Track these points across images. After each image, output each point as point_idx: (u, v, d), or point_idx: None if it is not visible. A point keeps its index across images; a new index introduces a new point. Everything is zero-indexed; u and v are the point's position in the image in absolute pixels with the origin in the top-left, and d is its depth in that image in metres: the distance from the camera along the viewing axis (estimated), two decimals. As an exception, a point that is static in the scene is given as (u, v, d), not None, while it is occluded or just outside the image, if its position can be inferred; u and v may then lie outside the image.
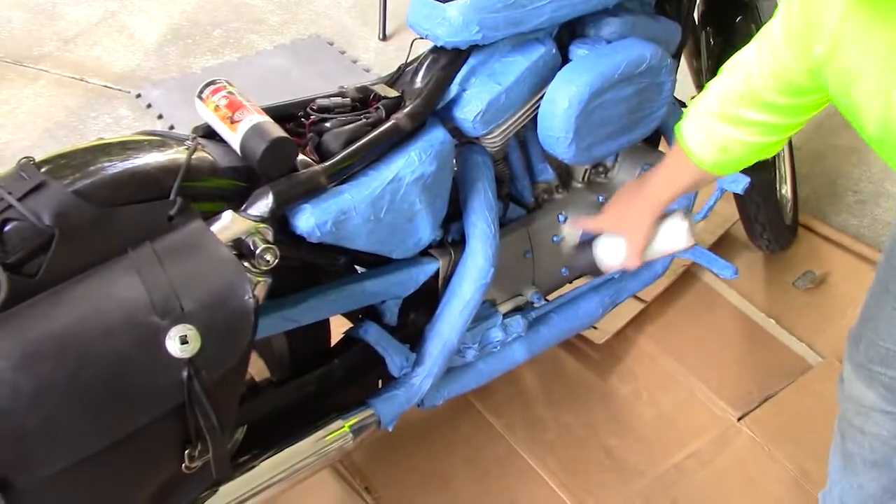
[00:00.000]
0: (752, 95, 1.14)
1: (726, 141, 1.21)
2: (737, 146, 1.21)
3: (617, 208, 1.51)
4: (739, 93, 1.16)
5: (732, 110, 1.18)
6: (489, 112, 1.42)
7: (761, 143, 1.20)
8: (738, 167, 1.28)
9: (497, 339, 1.63)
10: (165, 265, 1.07)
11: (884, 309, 1.27)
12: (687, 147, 1.27)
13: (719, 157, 1.24)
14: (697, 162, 1.27)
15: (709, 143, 1.24)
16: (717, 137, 1.22)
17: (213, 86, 1.29)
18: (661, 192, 1.41)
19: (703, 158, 1.26)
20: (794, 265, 2.31)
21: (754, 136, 1.18)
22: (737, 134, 1.19)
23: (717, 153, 1.24)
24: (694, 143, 1.26)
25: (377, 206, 1.30)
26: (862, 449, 1.42)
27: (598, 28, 1.52)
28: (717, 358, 2.03)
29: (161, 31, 3.30)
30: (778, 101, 1.11)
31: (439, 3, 1.36)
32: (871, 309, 1.32)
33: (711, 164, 1.26)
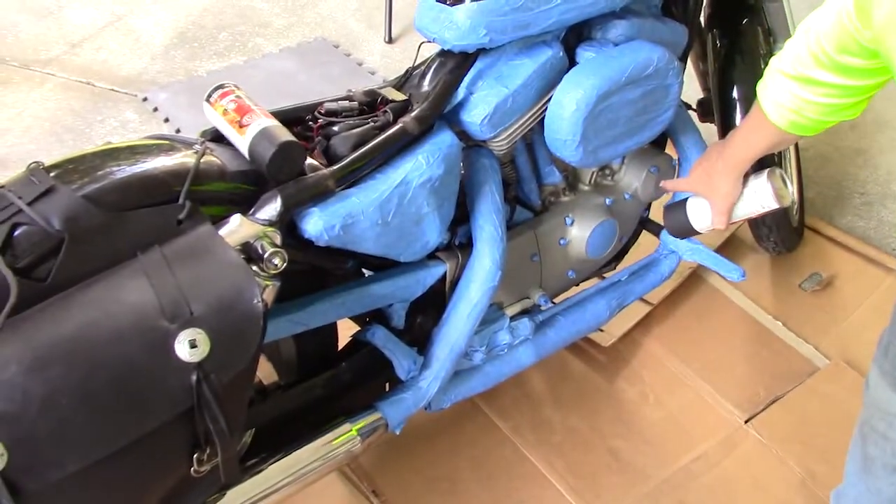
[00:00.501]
0: (823, 56, 1.12)
1: (799, 102, 1.20)
2: (810, 108, 1.19)
3: (702, 168, 1.53)
4: (812, 53, 1.14)
5: (804, 71, 1.16)
6: (496, 115, 1.42)
7: (836, 105, 1.17)
8: (818, 128, 1.25)
9: (504, 342, 1.63)
10: (174, 269, 1.07)
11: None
12: (763, 108, 1.26)
13: (794, 118, 1.23)
14: (774, 122, 1.26)
15: (783, 104, 1.23)
16: (790, 98, 1.21)
17: (221, 90, 1.30)
18: (741, 153, 1.41)
19: (779, 120, 1.25)
20: (801, 267, 2.30)
21: (828, 97, 1.16)
22: (810, 95, 1.18)
23: (792, 114, 1.22)
24: (769, 103, 1.25)
25: (385, 210, 1.31)
26: (884, 454, 1.41)
27: (605, 31, 1.52)
28: (724, 360, 2.03)
29: (167, 35, 3.31)
30: (849, 63, 1.10)
31: (447, 6, 1.36)
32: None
33: (787, 125, 1.25)
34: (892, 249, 2.41)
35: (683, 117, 1.80)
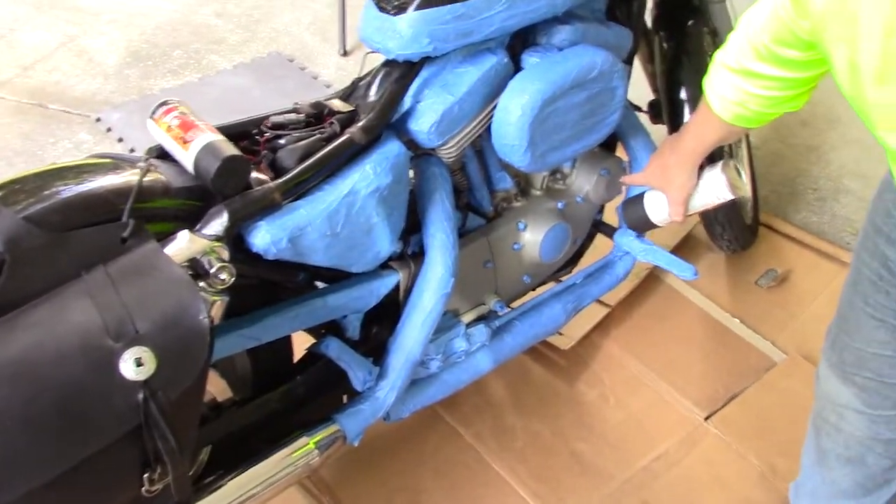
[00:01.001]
0: (762, 49, 1.13)
1: (742, 95, 1.22)
2: (753, 100, 1.21)
3: (657, 162, 1.58)
4: (752, 46, 1.15)
5: (746, 64, 1.18)
6: (443, 123, 1.43)
7: (777, 98, 1.19)
8: (762, 120, 1.27)
9: (461, 349, 1.63)
10: (119, 288, 1.06)
11: (854, 310, 1.28)
12: (708, 102, 1.29)
13: (738, 111, 1.25)
14: (718, 115, 1.28)
15: (727, 97, 1.25)
16: (733, 91, 1.23)
17: (165, 106, 1.29)
18: (692, 146, 1.46)
19: (723, 113, 1.27)
20: (757, 264, 2.33)
21: (768, 90, 1.18)
22: (751, 88, 1.19)
23: (736, 107, 1.25)
24: (714, 97, 1.28)
25: (333, 221, 1.31)
26: (836, 445, 1.43)
27: (549, 36, 1.53)
28: (683, 359, 2.05)
29: (120, 55, 3.29)
30: (787, 55, 1.11)
31: (389, 16, 1.37)
32: (843, 310, 1.33)
33: (732, 118, 1.27)
34: (846, 243, 2.44)
35: (632, 119, 1.81)
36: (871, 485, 1.42)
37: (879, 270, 1.19)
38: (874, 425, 1.32)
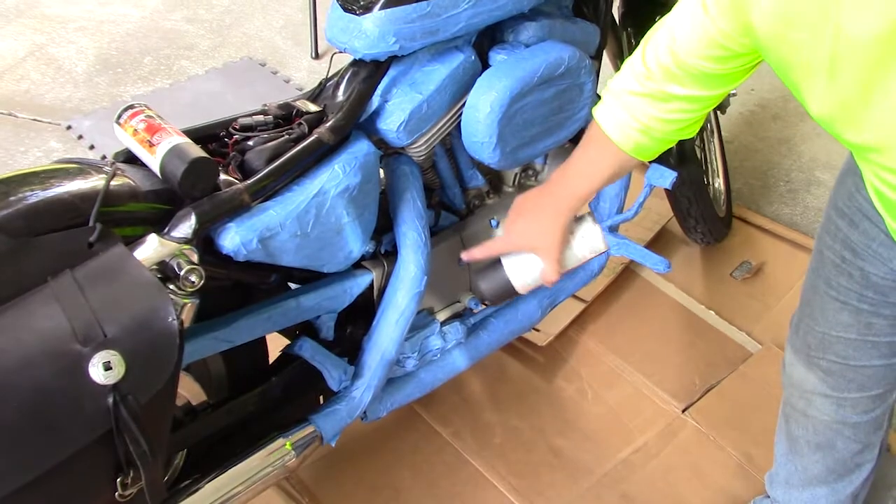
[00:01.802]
0: (678, 66, 1.07)
1: (648, 119, 1.16)
2: (658, 125, 1.16)
3: (521, 220, 1.41)
4: (663, 66, 1.10)
5: (655, 86, 1.12)
6: (412, 122, 1.43)
7: (683, 120, 1.15)
8: (660, 149, 1.23)
9: (436, 347, 1.64)
10: (86, 292, 1.05)
11: (817, 294, 1.29)
12: (605, 131, 1.21)
13: (640, 139, 1.19)
14: (618, 145, 1.21)
15: (629, 124, 1.18)
16: (637, 117, 1.16)
17: (131, 110, 1.28)
18: (579, 188, 1.32)
19: (624, 141, 1.20)
20: (731, 256, 2.35)
21: (676, 113, 1.13)
22: (658, 112, 1.14)
23: (638, 134, 1.18)
24: (613, 125, 1.20)
25: (303, 221, 1.30)
26: (806, 432, 1.45)
27: (517, 33, 1.53)
28: (660, 352, 2.06)
29: (90, 62, 3.27)
30: (706, 69, 1.05)
31: (355, 16, 1.37)
32: (806, 294, 1.35)
33: (633, 148, 1.21)
34: (818, 234, 2.46)
35: (602, 114, 1.82)
36: (842, 469, 1.44)
37: (842, 253, 1.20)
38: (841, 409, 1.34)
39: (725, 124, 2.84)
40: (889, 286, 1.17)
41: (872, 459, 1.45)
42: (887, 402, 1.37)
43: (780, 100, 3.08)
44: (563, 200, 1.35)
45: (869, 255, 1.16)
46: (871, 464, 1.45)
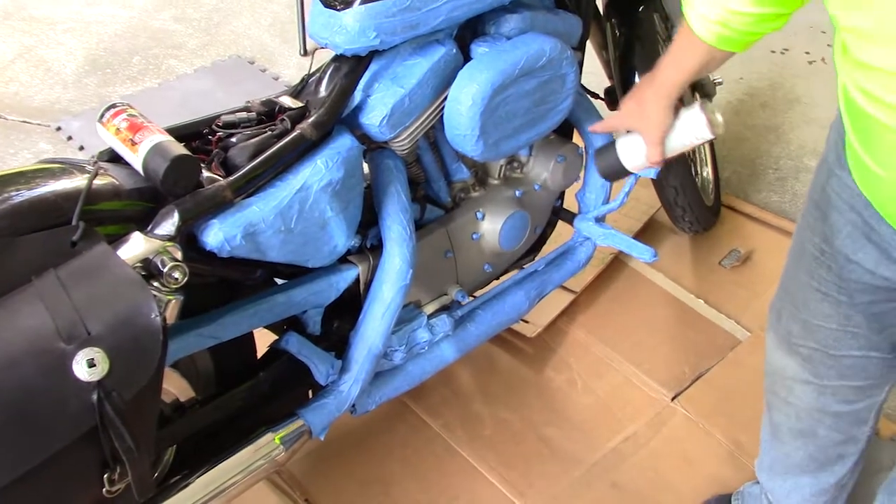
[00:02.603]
0: None
1: (723, 12, 1.16)
2: (735, 18, 1.16)
3: (631, 102, 1.49)
4: None
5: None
6: (394, 116, 1.44)
7: (759, 15, 1.14)
8: (744, 42, 1.21)
9: (424, 340, 1.64)
10: (70, 291, 1.06)
11: (799, 283, 1.30)
12: (690, 24, 1.22)
13: (720, 31, 1.19)
14: (700, 37, 1.21)
15: (708, 17, 1.18)
16: (716, 10, 1.17)
17: (113, 109, 1.29)
18: (672, 77, 1.36)
19: (706, 34, 1.21)
20: (720, 245, 2.36)
21: (751, 5, 1.13)
22: (733, 4, 1.14)
23: (718, 26, 1.18)
24: (695, 18, 1.21)
25: (287, 216, 1.31)
26: (788, 419, 1.46)
27: (498, 25, 1.54)
28: (649, 341, 2.07)
29: (79, 63, 3.27)
30: None
31: (336, 11, 1.37)
32: (787, 282, 1.35)
33: (715, 39, 1.21)
34: (807, 221, 2.47)
35: (586, 106, 1.83)
36: (824, 458, 1.44)
37: (821, 245, 1.21)
38: (822, 397, 1.34)
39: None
40: (854, 281, 1.17)
41: (856, 453, 1.45)
42: (872, 398, 1.36)
43: (769, 88, 3.09)
44: (660, 87, 1.40)
45: (837, 248, 1.17)
46: (854, 457, 1.45)
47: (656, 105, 1.42)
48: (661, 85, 1.39)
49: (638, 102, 1.47)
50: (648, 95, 1.43)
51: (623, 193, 1.82)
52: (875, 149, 0.99)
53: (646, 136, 1.48)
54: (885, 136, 0.95)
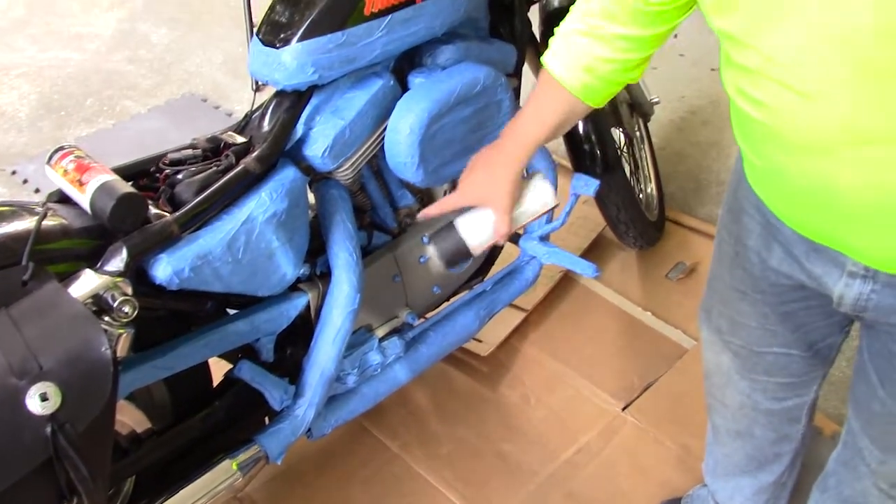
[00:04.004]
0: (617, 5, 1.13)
1: (591, 60, 1.19)
2: (602, 65, 1.19)
3: (473, 174, 1.39)
4: (602, 5, 1.15)
5: (596, 24, 1.17)
6: (336, 147, 1.49)
7: (625, 61, 1.19)
8: (607, 91, 1.25)
9: (376, 363, 1.69)
10: (21, 328, 1.10)
11: (721, 282, 1.36)
12: (554, 73, 1.24)
13: (586, 79, 1.21)
14: (566, 86, 1.23)
15: (574, 64, 1.21)
16: (581, 56, 1.20)
17: (61, 151, 1.34)
18: (528, 134, 1.31)
19: (572, 82, 1.22)
20: (666, 258, 2.43)
21: (618, 52, 1.17)
22: (601, 51, 1.18)
23: (584, 73, 1.21)
24: (560, 66, 1.23)
25: (234, 248, 1.36)
26: (725, 420, 1.52)
27: (434, 56, 1.60)
28: (599, 354, 2.13)
29: (33, 107, 3.30)
30: (641, 8, 1.11)
31: (274, 49, 1.43)
32: (712, 282, 1.41)
33: (580, 88, 1.23)
34: (749, 232, 2.55)
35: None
36: (761, 457, 1.50)
37: (735, 247, 1.27)
38: (753, 393, 1.40)
39: (657, 132, 2.94)
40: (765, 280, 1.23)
41: (791, 452, 1.50)
42: (801, 397, 1.41)
43: (710, 105, 3.18)
44: (512, 150, 1.34)
45: (749, 249, 1.24)
46: (789, 455, 1.51)
47: (506, 172, 1.34)
48: (515, 148, 1.33)
49: (486, 170, 1.37)
50: (499, 163, 1.35)
51: (564, 213, 1.88)
52: (750, 141, 1.07)
53: (495, 207, 1.36)
54: (755, 129, 1.02)
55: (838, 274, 1.09)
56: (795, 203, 1.06)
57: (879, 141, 0.88)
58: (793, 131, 0.95)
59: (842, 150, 0.92)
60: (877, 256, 1.03)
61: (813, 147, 0.94)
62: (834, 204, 0.98)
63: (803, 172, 0.99)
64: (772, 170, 1.05)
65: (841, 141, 0.91)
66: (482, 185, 1.37)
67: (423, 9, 1.51)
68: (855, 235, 1.01)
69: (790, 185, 1.03)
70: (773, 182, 1.08)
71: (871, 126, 0.88)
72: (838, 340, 1.32)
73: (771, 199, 1.13)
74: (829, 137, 0.91)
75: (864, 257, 1.04)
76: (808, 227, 1.08)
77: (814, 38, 0.87)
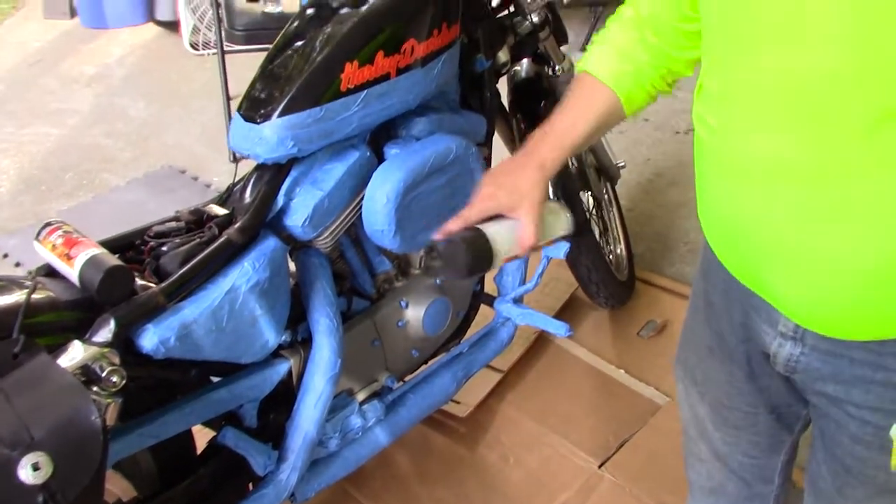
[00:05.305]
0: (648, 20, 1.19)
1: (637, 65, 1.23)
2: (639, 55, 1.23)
3: (500, 178, 1.30)
4: (633, 20, 1.22)
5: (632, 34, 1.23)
6: (315, 217, 1.55)
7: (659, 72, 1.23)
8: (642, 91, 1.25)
9: (357, 426, 1.72)
10: (13, 400, 1.13)
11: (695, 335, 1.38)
12: (589, 68, 1.26)
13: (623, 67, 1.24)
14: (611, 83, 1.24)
15: (611, 56, 1.24)
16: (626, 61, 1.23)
17: (49, 227, 1.39)
18: (559, 139, 1.26)
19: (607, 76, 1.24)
20: (637, 317, 2.49)
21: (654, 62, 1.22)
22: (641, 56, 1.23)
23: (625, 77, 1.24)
24: (596, 62, 1.25)
25: (218, 317, 1.40)
26: (699, 476, 1.54)
27: (408, 128, 1.68)
28: (575, 413, 2.17)
29: (13, 182, 3.35)
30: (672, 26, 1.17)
31: (255, 124, 1.49)
32: (685, 335, 1.43)
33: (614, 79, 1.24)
34: (717, 289, 2.62)
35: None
36: None
37: (703, 303, 1.31)
38: (725, 446, 1.43)
39: (626, 193, 3.03)
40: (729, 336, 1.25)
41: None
42: (771, 458, 1.39)
43: (676, 167, 3.28)
44: (546, 154, 1.26)
45: (715, 305, 1.28)
46: None
47: (539, 176, 1.26)
48: (552, 148, 1.27)
49: (514, 177, 1.28)
50: (531, 167, 1.27)
51: (536, 275, 1.95)
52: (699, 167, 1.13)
53: (523, 214, 1.25)
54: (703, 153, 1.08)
55: (773, 333, 1.13)
56: (727, 236, 1.11)
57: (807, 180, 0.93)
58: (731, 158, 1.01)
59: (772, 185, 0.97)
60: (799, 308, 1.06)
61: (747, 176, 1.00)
62: (760, 239, 1.02)
63: (736, 202, 1.04)
64: (712, 197, 1.11)
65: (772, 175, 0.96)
66: (510, 193, 1.26)
67: (397, 84, 1.58)
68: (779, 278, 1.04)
69: (724, 214, 1.08)
70: (712, 211, 1.13)
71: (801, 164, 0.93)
72: (802, 411, 1.29)
73: (709, 231, 1.17)
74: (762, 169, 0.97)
75: (790, 310, 1.07)
76: (739, 266, 1.12)
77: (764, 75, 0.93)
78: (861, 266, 0.96)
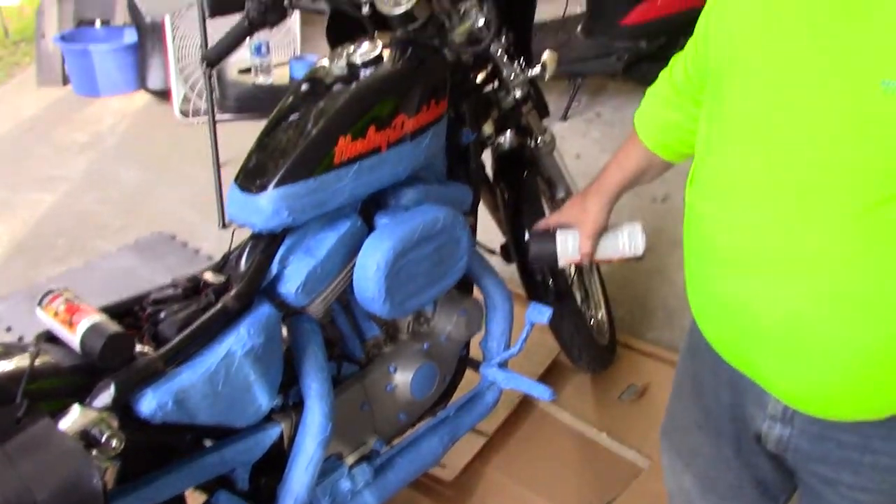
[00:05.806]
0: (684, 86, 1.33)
1: (667, 123, 1.41)
2: (675, 130, 1.39)
3: (574, 199, 1.70)
4: (674, 86, 1.36)
5: (673, 97, 1.37)
6: (308, 284, 1.60)
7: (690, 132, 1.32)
8: (681, 149, 1.43)
9: (346, 490, 1.76)
10: (16, 463, 1.17)
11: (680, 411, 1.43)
12: (637, 127, 1.47)
13: (661, 137, 1.44)
14: (643, 139, 1.46)
15: (653, 123, 1.44)
16: (659, 119, 1.42)
17: (51, 294, 1.43)
18: (612, 177, 1.58)
19: (647, 137, 1.45)
20: (618, 381, 2.55)
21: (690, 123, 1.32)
22: (676, 118, 1.38)
23: (659, 133, 1.44)
24: (640, 124, 1.47)
25: (214, 381, 1.44)
26: None
27: (397, 198, 1.75)
28: (559, 475, 2.21)
29: (4, 247, 3.39)
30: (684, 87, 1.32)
31: (251, 195, 1.56)
32: (671, 407, 1.47)
33: (654, 144, 1.45)
34: (697, 353, 2.69)
35: (481, 262, 2.03)
36: None
37: (691, 381, 1.35)
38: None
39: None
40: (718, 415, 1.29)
41: None
42: None
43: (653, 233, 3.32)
44: (601, 185, 1.61)
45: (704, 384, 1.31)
46: None
47: (596, 198, 1.62)
48: (603, 184, 1.61)
49: (581, 197, 1.67)
50: (590, 191, 1.64)
51: (521, 340, 2.00)
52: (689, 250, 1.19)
53: (582, 229, 1.66)
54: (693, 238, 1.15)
55: (763, 415, 1.17)
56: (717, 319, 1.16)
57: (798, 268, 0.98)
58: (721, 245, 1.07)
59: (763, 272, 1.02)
60: (789, 390, 1.10)
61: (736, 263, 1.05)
62: (750, 323, 1.07)
63: (726, 287, 1.09)
64: (701, 281, 1.16)
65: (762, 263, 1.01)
66: (577, 207, 1.68)
67: (387, 157, 1.65)
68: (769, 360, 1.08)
69: (714, 299, 1.13)
70: (701, 295, 1.18)
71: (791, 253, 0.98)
72: (788, 485, 1.33)
73: (698, 313, 1.22)
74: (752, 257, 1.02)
75: (779, 391, 1.11)
76: (728, 348, 1.16)
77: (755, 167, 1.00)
78: (852, 350, 1.00)
